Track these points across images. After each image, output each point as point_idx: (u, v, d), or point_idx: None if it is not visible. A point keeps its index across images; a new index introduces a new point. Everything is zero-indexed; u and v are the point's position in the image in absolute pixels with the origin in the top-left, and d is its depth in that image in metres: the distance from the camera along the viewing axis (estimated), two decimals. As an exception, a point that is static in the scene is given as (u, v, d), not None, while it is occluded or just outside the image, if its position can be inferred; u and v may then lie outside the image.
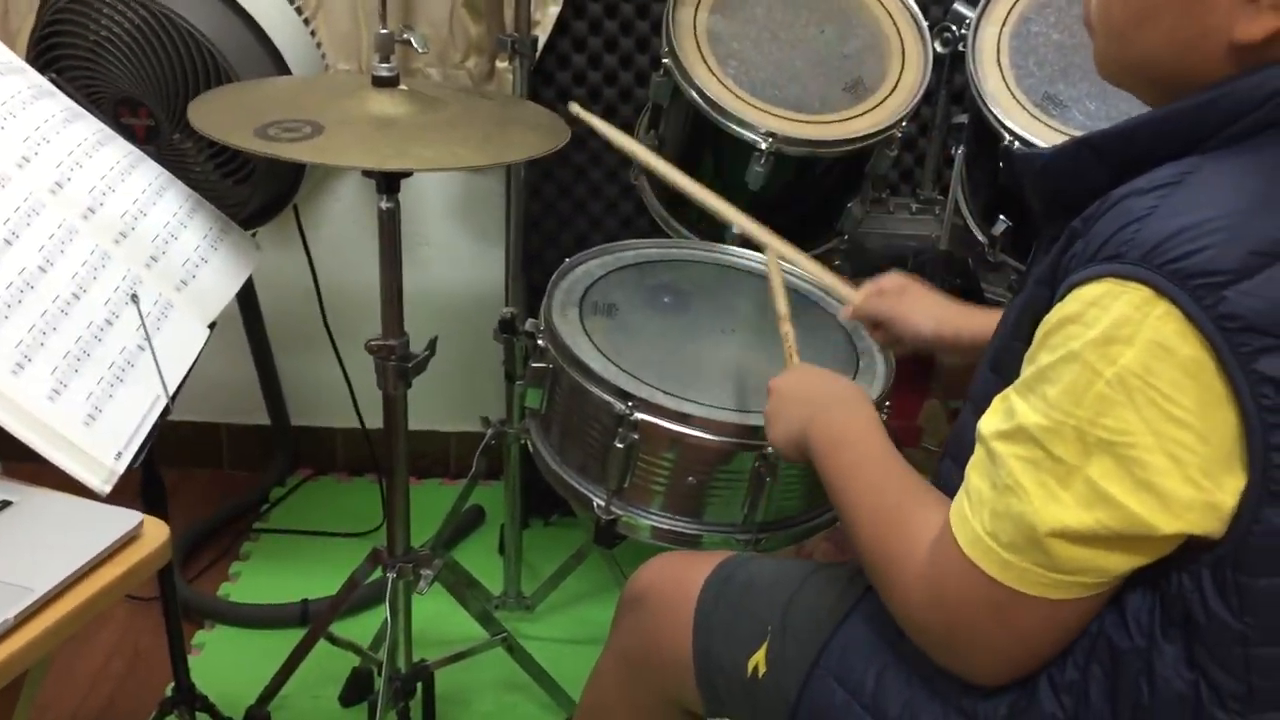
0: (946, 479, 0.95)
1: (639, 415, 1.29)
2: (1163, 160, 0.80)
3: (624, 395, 1.30)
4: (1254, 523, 0.75)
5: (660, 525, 1.35)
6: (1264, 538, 0.76)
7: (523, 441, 1.63)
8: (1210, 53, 0.81)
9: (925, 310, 1.32)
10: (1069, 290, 0.79)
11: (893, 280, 1.36)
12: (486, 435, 1.89)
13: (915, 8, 1.76)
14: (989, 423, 0.85)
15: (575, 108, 1.51)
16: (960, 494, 0.86)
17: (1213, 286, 0.72)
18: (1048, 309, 0.82)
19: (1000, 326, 0.95)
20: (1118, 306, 0.75)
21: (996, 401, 0.85)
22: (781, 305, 1.34)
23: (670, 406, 1.29)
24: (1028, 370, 0.82)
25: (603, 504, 1.35)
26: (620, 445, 1.30)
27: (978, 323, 1.28)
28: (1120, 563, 0.79)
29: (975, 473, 0.85)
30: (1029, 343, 0.84)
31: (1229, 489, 0.75)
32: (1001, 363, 0.91)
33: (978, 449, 0.85)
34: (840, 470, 1.02)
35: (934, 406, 2.09)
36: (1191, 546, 0.78)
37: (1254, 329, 0.72)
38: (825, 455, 1.05)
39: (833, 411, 1.10)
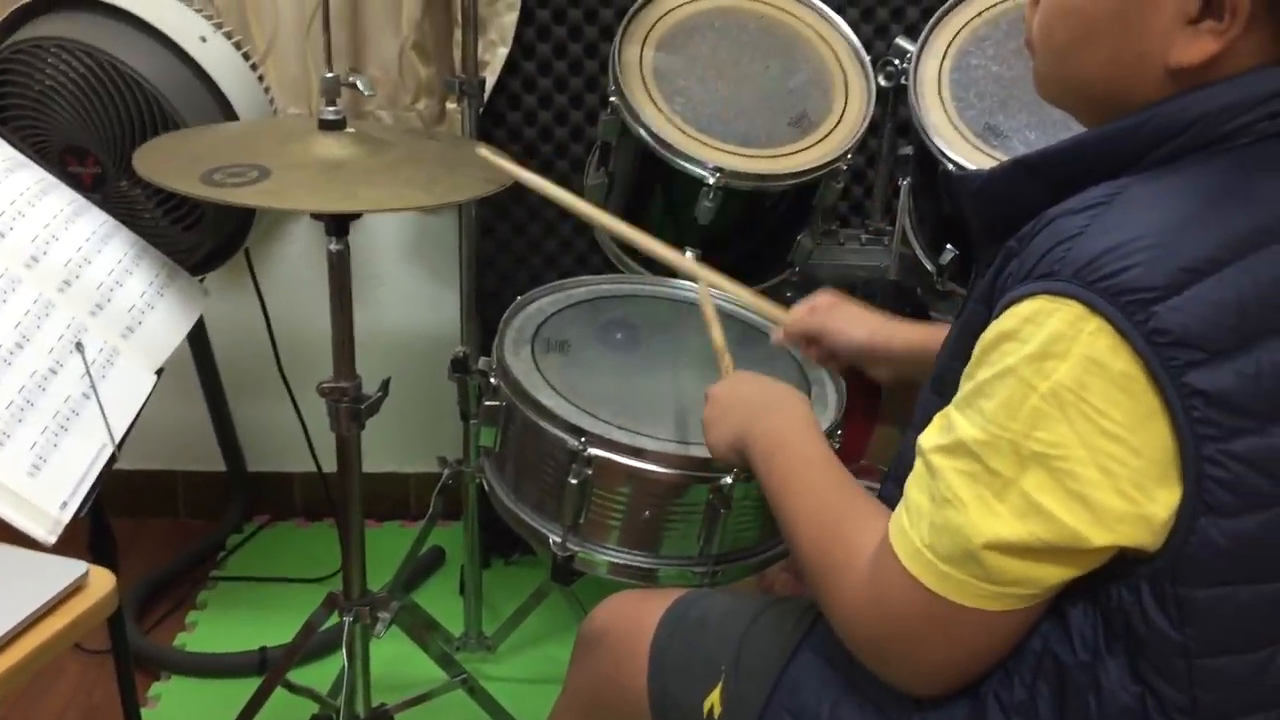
0: (889, 500, 0.95)
1: (593, 451, 1.29)
2: (1095, 180, 0.82)
3: (577, 431, 1.30)
4: (1190, 534, 0.76)
5: (617, 560, 1.35)
6: (1200, 549, 0.77)
7: (479, 480, 1.62)
8: (1148, 75, 0.83)
9: (857, 321, 1.34)
10: (1005, 307, 0.80)
11: (824, 297, 1.38)
12: (444, 475, 1.88)
13: (857, 43, 1.79)
14: (928, 437, 0.86)
15: (482, 151, 1.47)
16: (900, 507, 0.87)
17: (1142, 303, 0.74)
18: (985, 327, 0.83)
19: (942, 348, 0.96)
20: (1051, 323, 0.76)
21: (937, 418, 0.87)
22: (717, 336, 1.35)
23: (623, 441, 1.30)
24: (966, 386, 0.84)
25: (559, 540, 1.34)
26: (575, 481, 1.30)
27: (910, 331, 1.30)
28: (1054, 574, 0.80)
29: (914, 486, 0.86)
30: (968, 362, 0.85)
31: (1162, 501, 0.76)
32: (943, 383, 0.92)
33: (917, 463, 0.87)
34: (780, 475, 1.03)
35: (888, 432, 2.11)
36: (1130, 559, 0.79)
37: (1183, 343, 0.74)
38: (764, 459, 1.06)
39: (771, 415, 1.10)
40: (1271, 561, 0.79)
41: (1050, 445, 0.76)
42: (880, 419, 2.12)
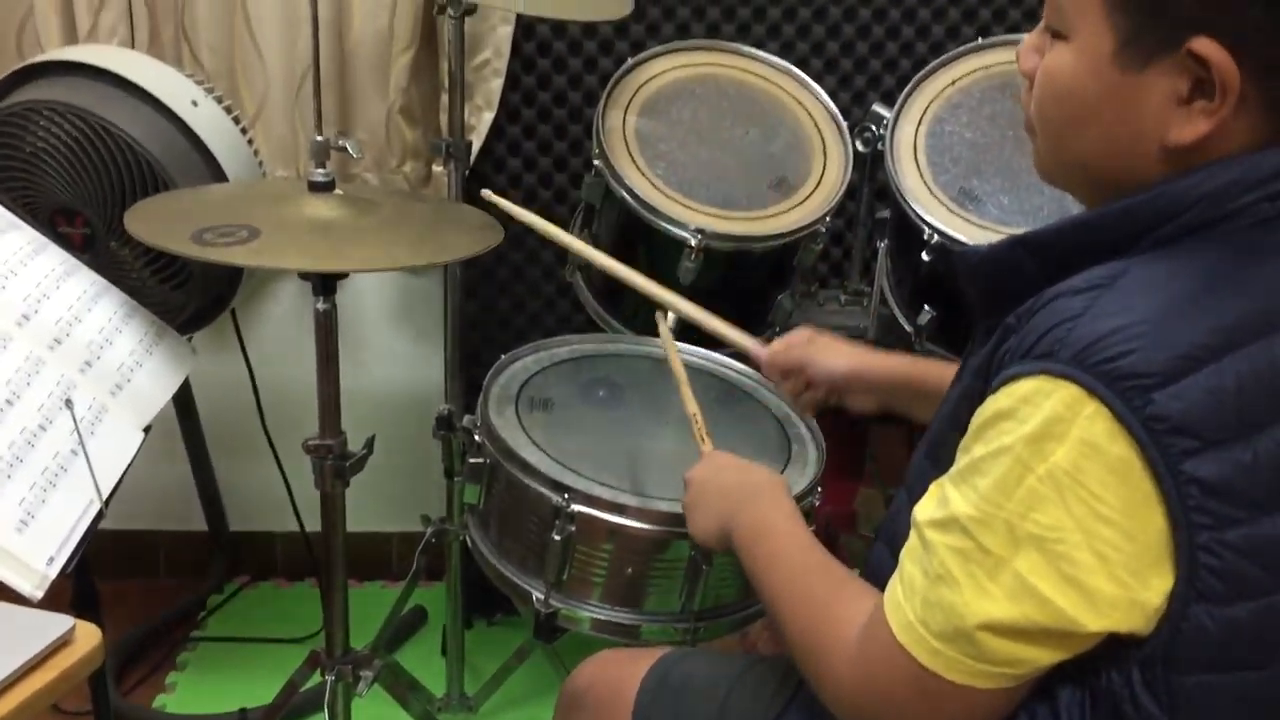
0: (879, 564, 0.96)
1: (576, 507, 1.31)
2: (1095, 260, 0.82)
3: (560, 488, 1.32)
4: (1182, 620, 0.77)
5: (599, 616, 1.36)
6: (1192, 636, 0.77)
7: (463, 539, 1.63)
8: (1144, 154, 0.84)
9: (836, 351, 1.35)
10: (1003, 384, 0.81)
11: (800, 332, 1.39)
12: (427, 534, 1.88)
13: (835, 109, 1.84)
14: (924, 509, 0.86)
15: (487, 194, 1.52)
16: (894, 579, 0.87)
17: (1141, 389, 0.74)
18: (982, 400, 0.83)
19: (936, 416, 0.96)
20: (1050, 404, 0.76)
21: (932, 488, 0.87)
22: (692, 408, 1.36)
23: (606, 498, 1.31)
24: (962, 460, 0.84)
25: (542, 597, 1.35)
26: (558, 538, 1.31)
27: (889, 361, 1.31)
28: (1045, 656, 0.80)
29: (909, 559, 0.86)
30: (965, 432, 0.85)
31: (1155, 588, 0.77)
32: (938, 451, 0.92)
33: (912, 535, 0.87)
34: (765, 564, 1.04)
35: (870, 494, 2.13)
36: (1122, 643, 0.79)
37: (1181, 431, 0.74)
38: (749, 549, 1.07)
39: (754, 505, 1.12)
40: (1262, 650, 0.79)
41: (1046, 528, 0.77)
42: (864, 480, 2.14)
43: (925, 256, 1.64)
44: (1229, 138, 0.81)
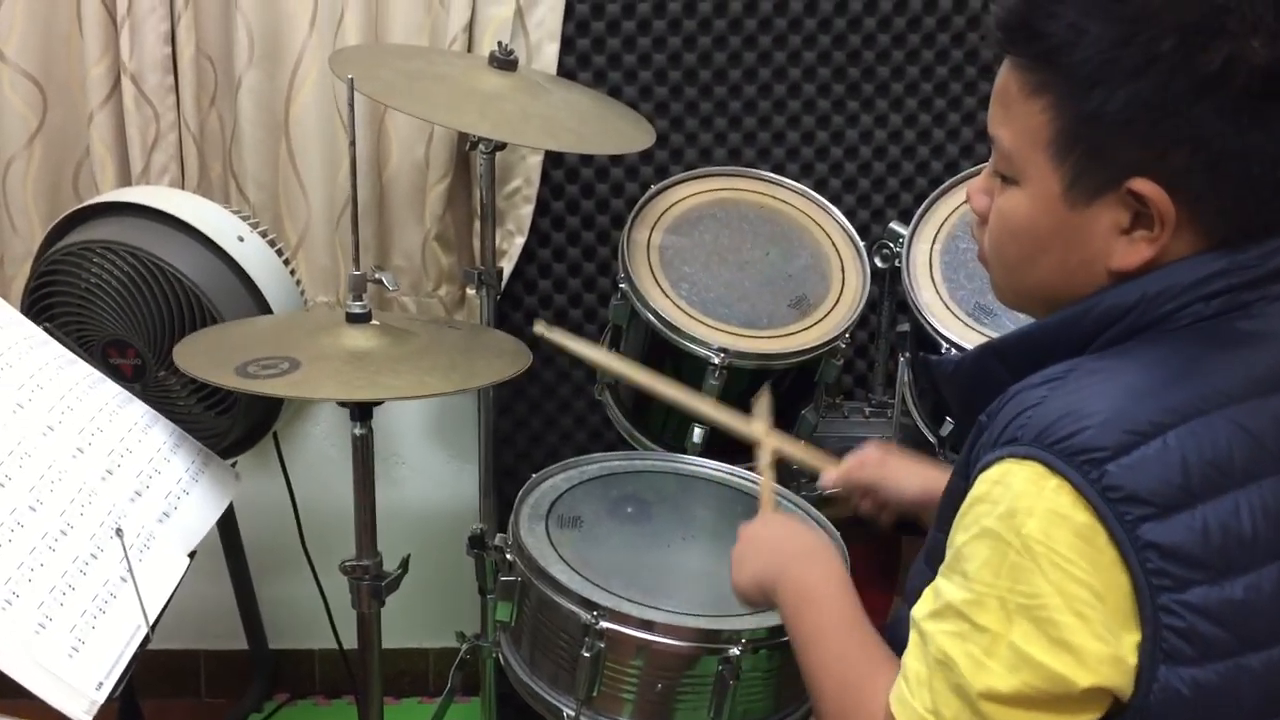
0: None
1: (605, 624, 1.34)
2: (1056, 359, 0.91)
3: (590, 605, 1.35)
4: (1153, 682, 0.81)
5: (630, 733, 1.38)
6: (1165, 697, 0.81)
7: (496, 655, 1.66)
8: (1092, 278, 0.93)
9: (909, 473, 1.36)
10: (977, 474, 0.88)
11: (873, 450, 1.41)
12: (462, 650, 1.91)
13: (852, 229, 1.90)
14: (920, 608, 0.91)
15: (539, 328, 1.59)
16: (899, 678, 0.91)
17: (1095, 461, 0.81)
18: (964, 497, 0.89)
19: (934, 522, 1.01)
20: (1017, 482, 0.84)
21: (927, 590, 0.91)
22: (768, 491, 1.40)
23: (635, 614, 1.34)
24: (949, 554, 0.89)
25: (573, 714, 1.38)
26: (588, 654, 1.34)
27: None
28: None
29: (910, 657, 0.90)
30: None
31: (1128, 645, 0.81)
32: (932, 555, 0.97)
33: (911, 634, 0.91)
34: (809, 630, 1.06)
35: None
36: (1110, 712, 0.83)
37: (1134, 499, 0.80)
38: (793, 609, 1.09)
39: (803, 565, 1.13)
40: (1233, 712, 0.83)
41: (1029, 596, 0.82)
42: (898, 591, 2.15)
43: (918, 370, 1.69)
44: (1167, 257, 0.90)
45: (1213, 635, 0.81)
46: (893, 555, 2.13)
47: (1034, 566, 0.82)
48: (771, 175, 1.97)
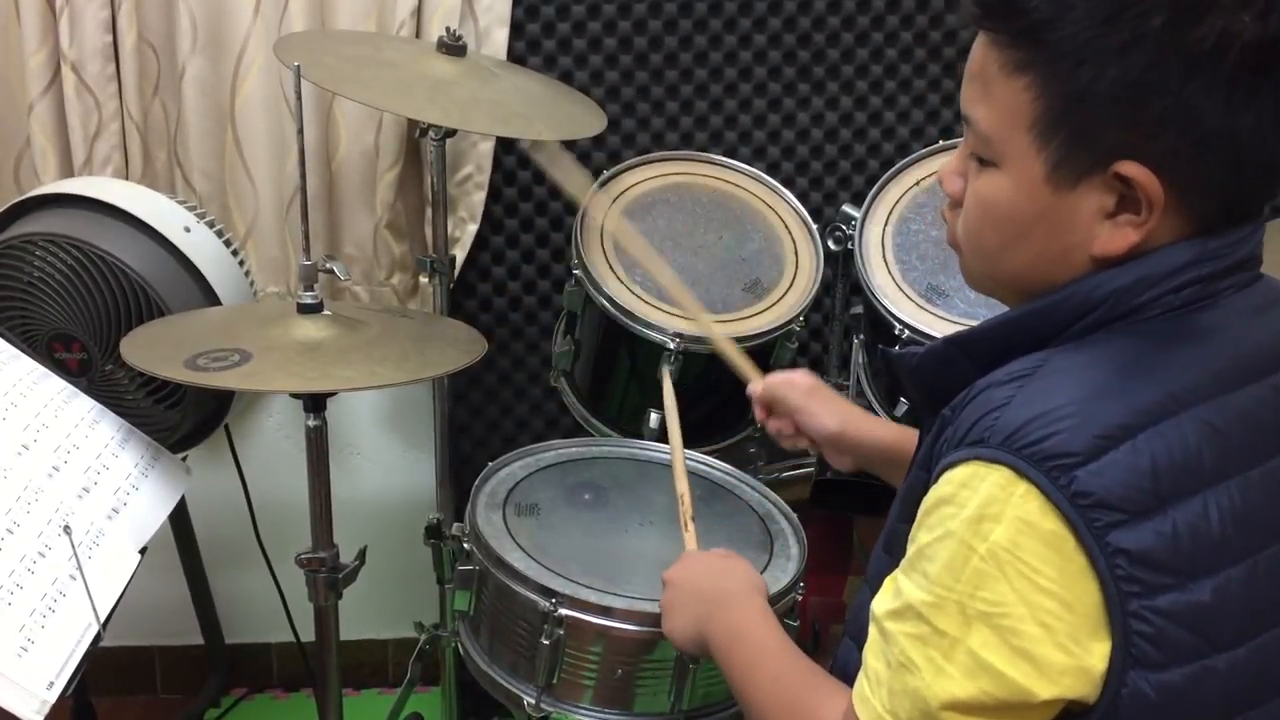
0: (846, 659, 1.00)
1: (563, 611, 1.34)
2: (1021, 354, 0.88)
3: (548, 592, 1.35)
4: (1122, 687, 0.80)
5: (591, 719, 1.38)
6: (1132, 701, 0.80)
7: (456, 645, 1.65)
8: (1074, 264, 0.89)
9: (832, 409, 1.37)
10: (942, 473, 0.86)
11: (805, 377, 1.41)
12: (421, 640, 1.90)
13: (804, 212, 1.91)
14: (880, 603, 0.90)
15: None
16: (860, 675, 0.90)
17: (1064, 468, 0.79)
18: (926, 491, 0.88)
19: (891, 512, 1.01)
20: (985, 487, 0.81)
21: (887, 582, 0.91)
22: (680, 468, 1.42)
23: (593, 601, 1.34)
24: (910, 550, 0.88)
25: (533, 701, 1.38)
26: (547, 641, 1.34)
27: (881, 428, 1.35)
28: None
29: (871, 654, 0.90)
30: (913, 523, 0.90)
31: (1096, 654, 0.80)
32: (892, 543, 0.96)
33: (871, 629, 0.90)
34: (741, 667, 1.08)
35: (859, 583, 2.14)
36: (1072, 713, 0.83)
37: (1104, 505, 0.79)
38: (725, 653, 1.11)
39: (727, 610, 1.15)
40: (1199, 713, 0.82)
41: (992, 604, 0.81)
42: (852, 570, 2.17)
43: (884, 364, 1.69)
44: (1153, 243, 0.87)
45: (1181, 639, 0.80)
46: (846, 536, 2.14)
47: (999, 574, 0.80)
48: (724, 159, 1.97)
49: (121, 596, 1.31)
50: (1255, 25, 0.80)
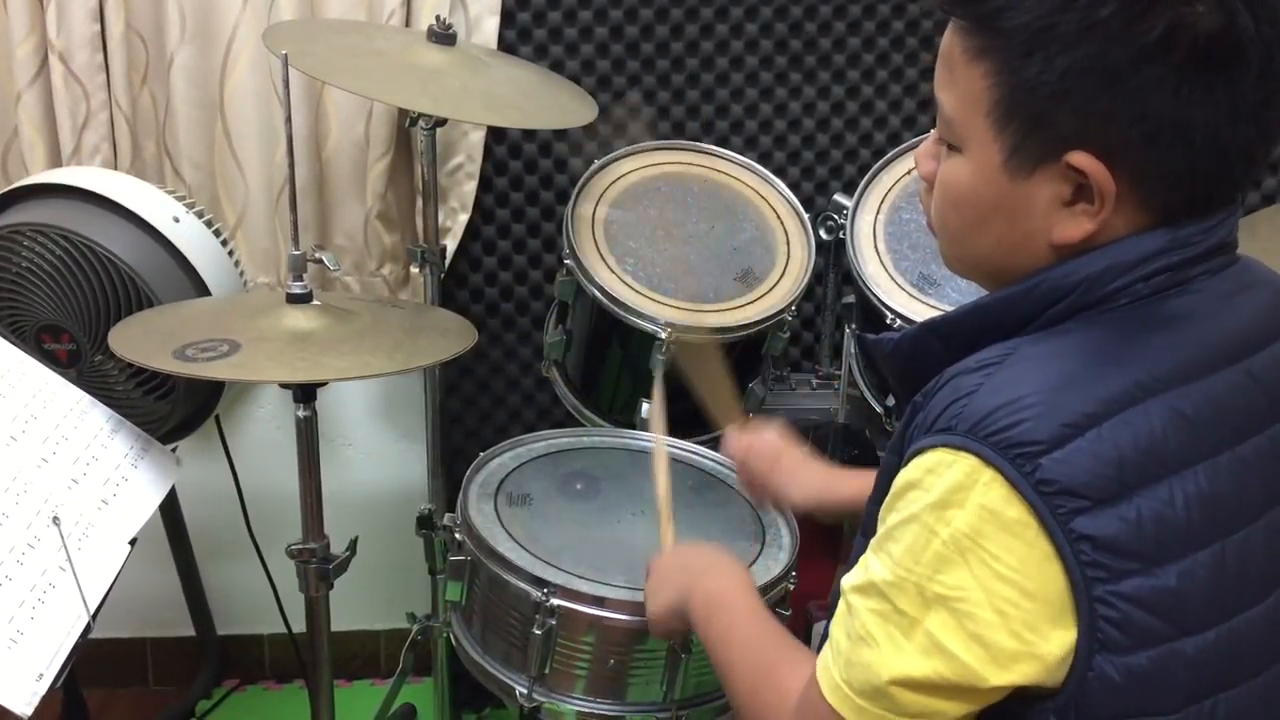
0: (825, 636, 1.01)
1: (556, 601, 1.34)
2: (993, 340, 0.89)
3: (540, 583, 1.35)
4: (1087, 671, 0.81)
5: (583, 709, 1.38)
6: (1098, 685, 0.81)
7: (448, 635, 1.65)
8: (1035, 251, 0.90)
9: (799, 480, 1.40)
10: (911, 457, 0.87)
11: (771, 441, 1.43)
12: (413, 631, 1.90)
13: (796, 202, 1.90)
14: (849, 578, 0.91)
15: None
16: (825, 645, 0.92)
17: (1029, 455, 0.80)
18: (897, 474, 0.89)
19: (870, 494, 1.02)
20: (950, 474, 0.83)
21: (860, 561, 0.92)
22: (665, 508, 1.42)
23: (586, 590, 1.34)
24: (880, 530, 0.90)
25: (525, 691, 1.38)
26: (539, 632, 1.34)
27: (854, 481, 1.35)
28: (955, 709, 0.85)
29: (836, 625, 0.91)
30: None
31: (1056, 641, 0.81)
32: (868, 527, 0.97)
33: (840, 602, 0.92)
34: (718, 632, 1.09)
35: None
36: (1034, 695, 0.84)
37: (1069, 492, 0.80)
38: (704, 620, 1.13)
39: (708, 577, 1.17)
40: (1166, 696, 0.83)
41: (951, 588, 0.82)
42: (842, 559, 2.17)
43: (859, 349, 1.70)
44: (1110, 231, 0.88)
45: (1147, 624, 0.81)
46: (837, 526, 2.15)
47: (959, 560, 0.81)
48: (716, 149, 1.96)
49: (112, 588, 1.30)
50: (1208, 17, 0.81)
